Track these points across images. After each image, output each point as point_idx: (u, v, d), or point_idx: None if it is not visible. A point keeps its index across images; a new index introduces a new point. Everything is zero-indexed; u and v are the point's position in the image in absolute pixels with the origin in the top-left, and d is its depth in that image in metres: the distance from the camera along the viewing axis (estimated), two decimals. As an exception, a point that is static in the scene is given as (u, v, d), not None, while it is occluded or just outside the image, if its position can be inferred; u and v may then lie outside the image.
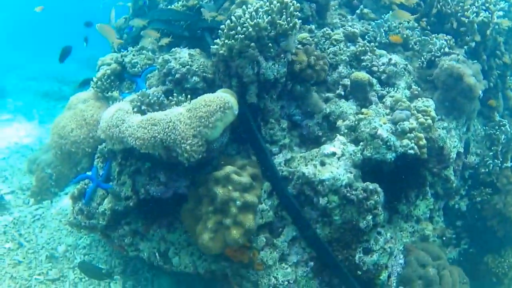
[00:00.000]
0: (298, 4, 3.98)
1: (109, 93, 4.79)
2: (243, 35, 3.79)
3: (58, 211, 6.05)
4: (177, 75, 4.25)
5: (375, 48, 4.58)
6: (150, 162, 3.96)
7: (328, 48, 4.58)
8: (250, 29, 3.77)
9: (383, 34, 4.74)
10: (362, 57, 4.52)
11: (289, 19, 3.87)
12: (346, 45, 4.63)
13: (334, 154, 3.87)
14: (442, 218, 4.59)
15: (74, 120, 4.70)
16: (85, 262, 5.20)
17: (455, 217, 4.82)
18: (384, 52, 4.62)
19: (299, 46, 4.26)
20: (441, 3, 4.81)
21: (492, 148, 4.68)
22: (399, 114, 3.98)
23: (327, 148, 3.91)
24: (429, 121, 4.02)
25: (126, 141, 3.73)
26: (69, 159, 4.79)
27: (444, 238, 4.53)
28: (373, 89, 4.33)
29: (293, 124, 4.30)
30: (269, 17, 3.83)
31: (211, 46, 4.09)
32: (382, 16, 4.99)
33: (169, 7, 5.21)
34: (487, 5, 4.76)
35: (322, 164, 3.83)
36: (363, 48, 4.53)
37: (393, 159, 3.82)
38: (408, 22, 4.84)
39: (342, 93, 4.39)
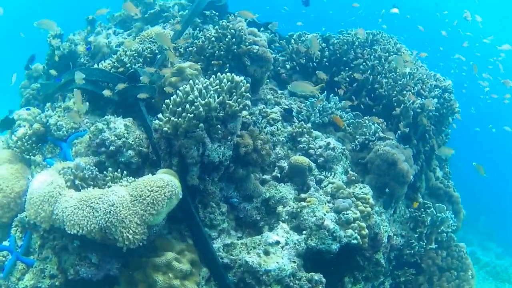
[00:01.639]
0: (248, 84, 3.90)
1: (30, 155, 4.35)
2: (192, 114, 3.61)
3: None
4: (112, 148, 3.96)
5: (311, 130, 4.60)
6: (79, 241, 3.60)
7: (265, 127, 4.54)
8: (201, 109, 3.59)
9: (317, 114, 4.78)
10: (298, 139, 4.53)
11: (239, 100, 3.77)
12: (283, 124, 4.62)
13: (278, 242, 3.77)
14: (370, 301, 4.65)
15: None
16: None
17: (379, 297, 4.92)
18: (319, 133, 4.67)
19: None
20: (375, 85, 5.00)
21: (417, 230, 4.86)
22: (342, 204, 4.00)
23: (271, 236, 3.80)
24: (368, 209, 4.10)
25: (59, 222, 3.34)
26: None
27: (371, 320, 4.58)
28: (311, 173, 4.32)
29: (230, 207, 4.14)
30: (220, 97, 3.70)
31: (153, 122, 3.86)
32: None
33: (97, 66, 4.89)
34: (421, 91, 5.01)
35: (266, 253, 3.71)
36: (300, 129, 4.55)
37: (337, 250, 3.82)
38: (336, 104, 4.92)
39: (279, 175, 4.34)
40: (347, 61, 5.34)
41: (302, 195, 4.17)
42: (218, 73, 3.89)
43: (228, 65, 4.67)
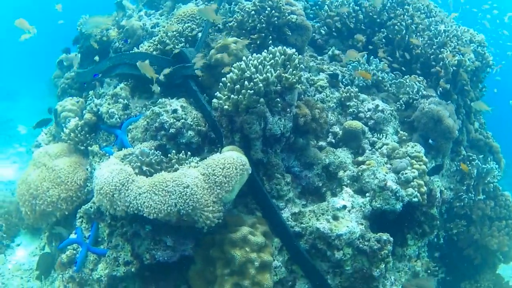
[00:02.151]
0: (300, 56, 3.95)
1: (85, 146, 4.43)
2: (251, 91, 3.67)
3: (16, 266, 5.42)
4: (172, 130, 4.02)
5: (358, 93, 4.67)
6: (151, 225, 3.70)
7: (314, 95, 4.60)
8: (260, 84, 3.66)
9: (360, 77, 4.85)
10: (347, 103, 4.61)
11: (294, 72, 3.82)
12: (330, 90, 4.67)
13: (345, 207, 3.88)
14: (427, 253, 4.81)
15: (48, 179, 4.29)
16: None
17: (434, 249, 5.08)
18: (365, 96, 4.73)
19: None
20: (410, 46, 5.04)
21: (465, 182, 4.99)
22: (400, 164, 4.11)
23: (337, 201, 3.92)
24: (423, 166, 4.20)
25: (135, 209, 3.43)
26: (43, 220, 4.35)
27: (428, 271, 4.74)
28: (365, 136, 4.41)
29: (292, 176, 4.24)
30: (278, 71, 3.76)
31: (213, 101, 3.93)
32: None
33: (136, 50, 4.90)
34: (458, 47, 5.07)
35: (335, 218, 3.82)
36: (348, 94, 4.61)
37: (400, 209, 3.94)
38: (376, 66, 4.99)
39: (333, 141, 4.44)
40: (381, 23, 5.36)
41: (360, 158, 4.27)
42: (270, 47, 3.93)
43: (270, 37, 4.69)
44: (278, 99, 3.79)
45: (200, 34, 4.84)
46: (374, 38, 5.25)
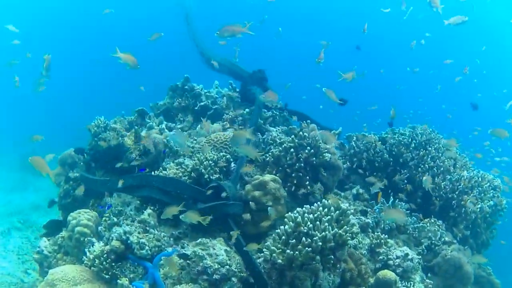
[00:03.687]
0: (352, 210, 3.98)
1: (110, 275, 4.14)
2: (309, 248, 3.64)
3: None
4: (216, 276, 3.87)
5: (387, 239, 4.74)
6: None
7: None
8: (319, 243, 3.64)
9: (386, 220, 4.94)
10: (377, 250, 4.65)
11: (347, 228, 3.84)
12: (361, 236, 4.71)
13: None
14: None
15: None
16: None
17: None
18: (392, 242, 4.80)
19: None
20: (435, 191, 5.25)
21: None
22: (435, 320, 4.17)
23: None
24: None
25: None
26: None
27: None
28: (396, 286, 4.45)
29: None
30: (335, 229, 3.75)
31: (264, 252, 3.84)
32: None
33: (169, 175, 4.73)
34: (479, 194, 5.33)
35: None
36: (378, 240, 4.67)
37: None
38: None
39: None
40: (403, 162, 5.55)
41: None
42: (324, 201, 3.95)
43: (307, 177, 4.71)
44: (331, 256, 3.77)
45: (233, 165, 4.79)
46: (396, 177, 5.40)
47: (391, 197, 5.12)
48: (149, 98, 6.46)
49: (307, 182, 4.67)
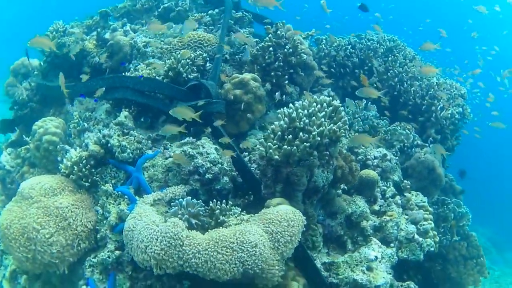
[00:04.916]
0: (342, 108, 3.93)
1: (90, 182, 3.88)
2: (307, 143, 3.57)
3: None
4: (208, 175, 3.75)
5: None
6: (189, 281, 3.41)
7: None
8: (317, 138, 3.57)
9: (360, 121, 4.97)
10: (355, 150, 4.69)
11: (340, 125, 3.79)
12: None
13: (376, 258, 3.97)
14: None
15: (50, 221, 3.61)
16: None
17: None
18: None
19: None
20: (403, 95, 5.31)
21: (442, 225, 5.36)
22: (417, 215, 4.32)
23: (369, 252, 3.98)
24: (430, 216, 4.47)
25: (193, 268, 3.11)
26: (45, 269, 3.68)
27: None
28: (378, 185, 4.54)
29: (316, 225, 4.20)
30: (331, 124, 3.69)
31: (259, 149, 3.73)
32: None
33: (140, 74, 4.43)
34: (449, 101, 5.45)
35: (369, 269, 3.88)
36: (355, 139, 4.70)
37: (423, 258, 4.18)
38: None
39: (346, 188, 4.46)
40: (371, 67, 5.54)
41: (375, 207, 4.39)
42: (318, 97, 3.87)
43: (286, 76, 4.58)
44: (326, 152, 3.73)
45: (209, 64, 4.56)
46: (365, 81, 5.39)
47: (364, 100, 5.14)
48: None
49: (286, 82, 4.56)
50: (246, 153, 4.22)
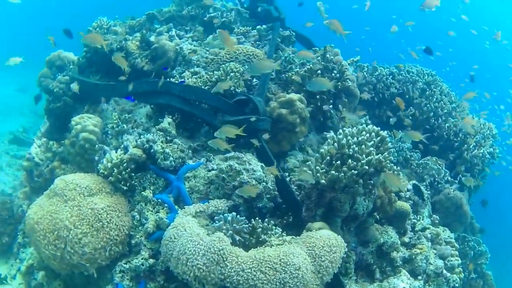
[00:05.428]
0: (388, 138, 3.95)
1: (128, 186, 3.82)
2: (355, 171, 3.58)
3: None
4: (252, 193, 3.73)
5: (400, 172, 4.78)
6: None
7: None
8: (365, 166, 3.58)
9: (395, 153, 4.99)
10: (390, 180, 4.71)
11: (386, 155, 3.81)
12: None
13: (404, 290, 3.99)
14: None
15: (84, 221, 3.54)
16: None
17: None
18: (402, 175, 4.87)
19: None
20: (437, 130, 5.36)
21: (462, 261, 5.39)
22: (446, 251, 4.34)
23: (398, 283, 4.01)
24: (456, 252, 4.49)
25: (234, 285, 3.09)
26: (72, 269, 3.62)
27: None
28: (408, 217, 4.55)
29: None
30: (379, 154, 3.70)
31: (305, 170, 3.72)
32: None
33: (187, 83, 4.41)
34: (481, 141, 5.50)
35: (397, 300, 3.91)
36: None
37: (447, 294, 4.20)
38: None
39: (378, 217, 4.47)
40: (409, 99, 5.57)
41: (405, 239, 4.40)
42: (365, 125, 3.87)
43: (331, 100, 4.59)
44: (370, 181, 3.74)
45: (255, 81, 4.56)
46: (401, 113, 5.44)
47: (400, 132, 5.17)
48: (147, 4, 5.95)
49: (331, 106, 4.58)
50: (286, 174, 4.22)
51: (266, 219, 3.61)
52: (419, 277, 4.15)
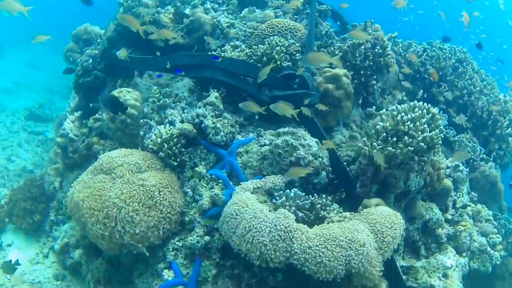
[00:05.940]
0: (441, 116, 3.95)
1: (178, 162, 3.73)
2: (411, 148, 3.57)
3: (17, 277, 4.37)
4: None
5: (439, 149, 4.80)
6: (283, 274, 3.37)
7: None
8: (421, 143, 3.58)
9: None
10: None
11: (437, 132, 3.80)
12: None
13: (451, 266, 4.02)
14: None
15: (134, 199, 3.42)
16: None
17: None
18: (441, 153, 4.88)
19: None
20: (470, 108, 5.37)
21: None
22: (487, 228, 4.40)
23: (445, 260, 4.05)
24: (495, 229, 4.55)
25: (301, 263, 3.06)
26: (122, 249, 3.50)
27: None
28: (450, 195, 4.57)
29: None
30: (433, 131, 3.69)
31: (361, 146, 3.70)
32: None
33: (235, 57, 4.32)
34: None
35: (445, 276, 3.96)
36: (434, 149, 4.73)
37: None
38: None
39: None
40: (442, 76, 5.56)
41: (448, 216, 4.43)
42: (417, 102, 3.85)
43: (374, 76, 4.55)
44: (423, 158, 3.73)
45: (298, 55, 4.48)
46: (434, 89, 5.43)
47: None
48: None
49: (374, 82, 4.54)
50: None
51: (324, 195, 3.58)
52: (464, 254, 4.20)
